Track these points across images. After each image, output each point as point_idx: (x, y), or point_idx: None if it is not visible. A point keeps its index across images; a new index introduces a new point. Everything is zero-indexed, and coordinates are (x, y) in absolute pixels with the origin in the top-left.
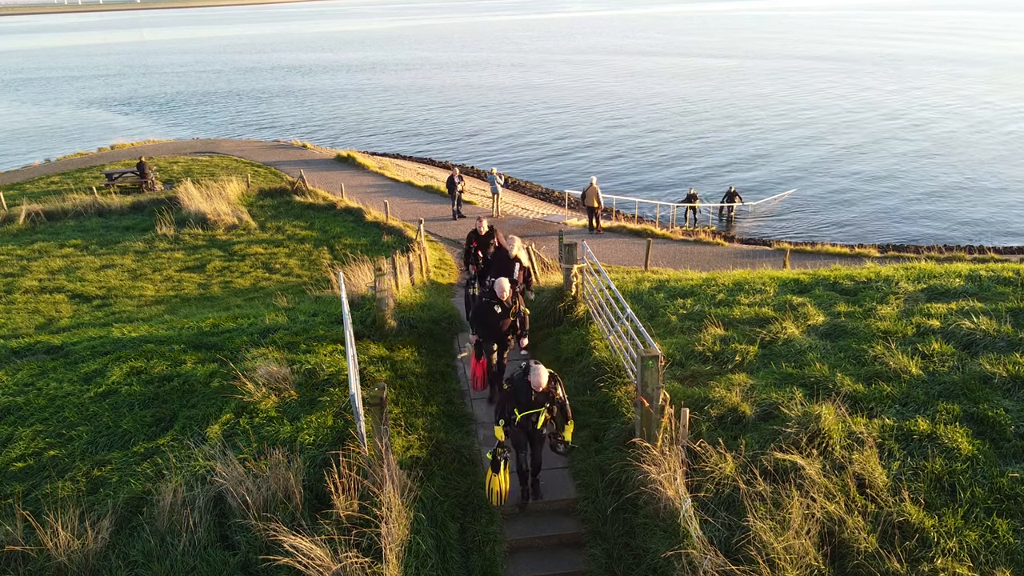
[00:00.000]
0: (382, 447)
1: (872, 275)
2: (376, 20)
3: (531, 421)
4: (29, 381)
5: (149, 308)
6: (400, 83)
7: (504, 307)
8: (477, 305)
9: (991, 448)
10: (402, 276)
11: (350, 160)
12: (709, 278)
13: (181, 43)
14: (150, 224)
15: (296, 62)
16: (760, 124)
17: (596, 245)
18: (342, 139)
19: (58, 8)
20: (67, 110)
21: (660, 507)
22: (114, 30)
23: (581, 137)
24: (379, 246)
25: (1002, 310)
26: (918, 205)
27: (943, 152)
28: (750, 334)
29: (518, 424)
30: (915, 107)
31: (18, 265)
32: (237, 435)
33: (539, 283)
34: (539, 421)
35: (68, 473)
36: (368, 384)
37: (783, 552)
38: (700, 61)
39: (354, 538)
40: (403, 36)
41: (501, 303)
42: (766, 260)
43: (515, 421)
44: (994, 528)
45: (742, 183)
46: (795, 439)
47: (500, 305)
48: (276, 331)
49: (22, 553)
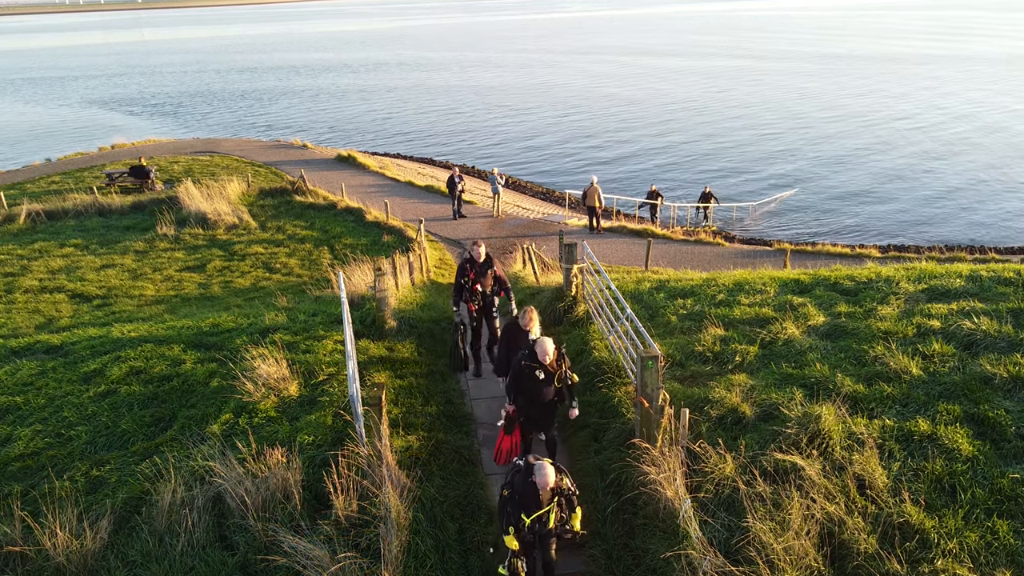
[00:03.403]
0: (381, 447)
1: (873, 275)
2: (376, 20)
3: (541, 522)
4: (28, 381)
5: (149, 308)
6: (401, 83)
7: (548, 372)
8: (516, 372)
9: (992, 449)
10: (402, 276)
11: (351, 160)
12: (709, 278)
13: (182, 43)
14: (150, 224)
15: (296, 62)
16: (761, 124)
17: (596, 245)
18: (343, 139)
19: (59, 8)
20: (68, 110)
21: (660, 508)
22: (115, 30)
23: (582, 137)
24: (379, 246)
25: (1003, 311)
26: (919, 206)
27: (944, 152)
28: (750, 334)
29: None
30: (917, 107)
31: (18, 265)
32: (236, 435)
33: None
34: (550, 521)
35: (67, 473)
36: (367, 384)
37: (783, 553)
38: (701, 61)
39: (353, 539)
40: (403, 36)
41: (544, 367)
42: (767, 260)
43: (524, 527)
44: (995, 529)
45: (742, 183)
46: (795, 440)
47: (543, 370)
48: (276, 331)
49: (20, 553)
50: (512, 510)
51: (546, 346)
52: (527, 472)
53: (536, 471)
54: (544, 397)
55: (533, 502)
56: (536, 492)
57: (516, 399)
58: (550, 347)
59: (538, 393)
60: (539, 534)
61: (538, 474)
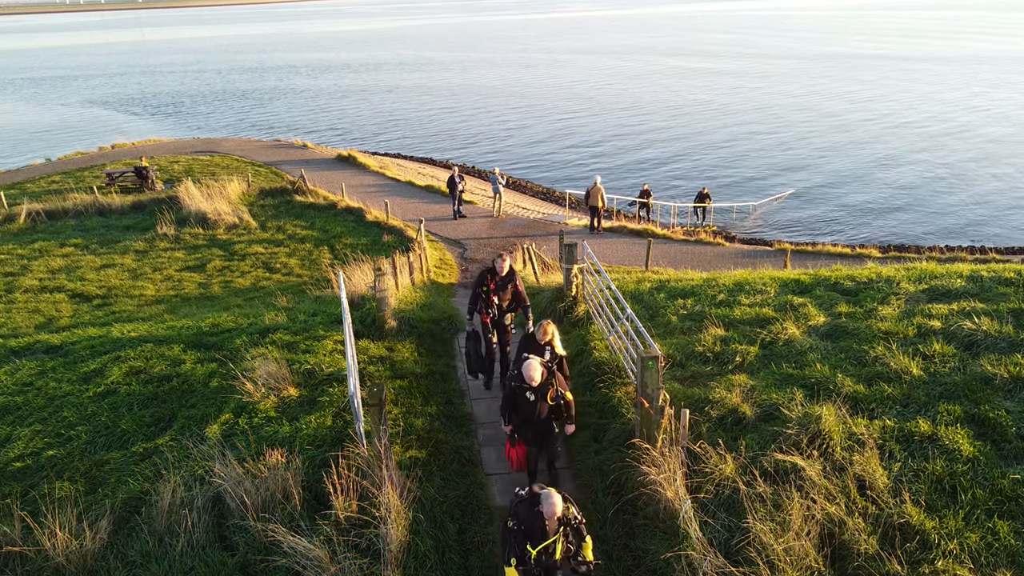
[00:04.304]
0: (381, 448)
1: (873, 275)
2: (377, 20)
3: (547, 553)
4: (28, 381)
5: (149, 308)
6: (401, 83)
7: (536, 393)
8: (507, 393)
9: (992, 449)
10: (402, 276)
11: (351, 160)
12: (710, 278)
13: (182, 43)
14: (151, 224)
15: (297, 62)
16: (761, 124)
17: (597, 245)
18: (343, 139)
19: (60, 7)
20: (68, 110)
21: (660, 508)
22: (115, 30)
23: (582, 137)
24: (379, 246)
25: (1003, 311)
26: (919, 205)
27: (945, 153)
28: (750, 335)
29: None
30: (918, 108)
31: (18, 264)
32: (236, 435)
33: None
34: (556, 552)
35: (66, 473)
36: (367, 384)
37: (783, 554)
38: (702, 61)
39: (353, 539)
40: (404, 36)
41: (532, 389)
42: (767, 260)
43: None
44: (995, 530)
45: (743, 183)
46: (795, 440)
47: (532, 391)
48: (276, 331)
49: (20, 553)
50: (517, 541)
51: (532, 370)
52: (532, 502)
53: (543, 500)
54: (537, 416)
55: (539, 533)
56: (542, 522)
57: (511, 419)
58: (536, 371)
59: (531, 413)
60: (545, 566)
61: (545, 503)
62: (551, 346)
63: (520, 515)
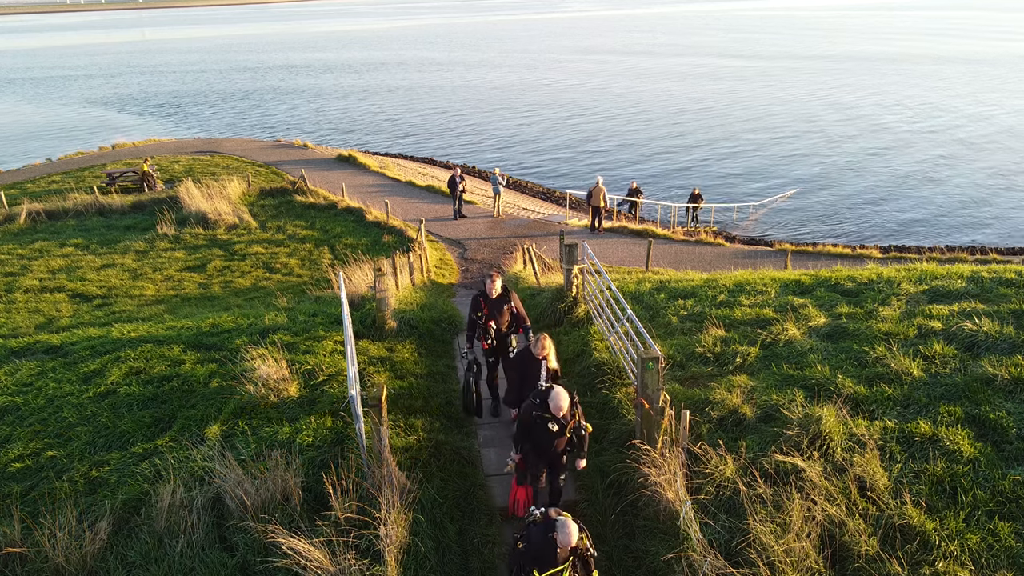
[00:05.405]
0: (381, 448)
1: (874, 276)
2: (377, 20)
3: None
4: (28, 381)
5: (149, 308)
6: (401, 83)
7: (561, 424)
8: (525, 421)
9: (993, 451)
10: (402, 276)
11: (351, 160)
12: (710, 279)
13: (183, 43)
14: (151, 223)
15: (297, 62)
16: (761, 124)
17: (597, 245)
18: (343, 139)
19: (60, 7)
20: (69, 109)
21: (660, 509)
22: (116, 29)
23: (583, 137)
24: (380, 246)
25: (1004, 312)
26: (920, 206)
27: (945, 153)
28: (751, 335)
29: None
30: (918, 108)
31: (19, 264)
32: (236, 436)
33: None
34: None
35: (66, 474)
36: (367, 385)
37: (783, 555)
38: (703, 61)
39: (352, 540)
40: (404, 36)
41: (557, 420)
42: (767, 261)
43: None
44: (996, 531)
45: (743, 183)
46: (796, 441)
47: (556, 422)
48: (276, 331)
49: (20, 554)
50: (524, 564)
51: (560, 400)
52: (547, 527)
53: (559, 528)
54: (555, 449)
55: (549, 560)
56: (554, 549)
57: (523, 448)
58: (565, 401)
59: (549, 445)
60: None
61: (561, 531)
62: (546, 360)
63: (532, 539)
